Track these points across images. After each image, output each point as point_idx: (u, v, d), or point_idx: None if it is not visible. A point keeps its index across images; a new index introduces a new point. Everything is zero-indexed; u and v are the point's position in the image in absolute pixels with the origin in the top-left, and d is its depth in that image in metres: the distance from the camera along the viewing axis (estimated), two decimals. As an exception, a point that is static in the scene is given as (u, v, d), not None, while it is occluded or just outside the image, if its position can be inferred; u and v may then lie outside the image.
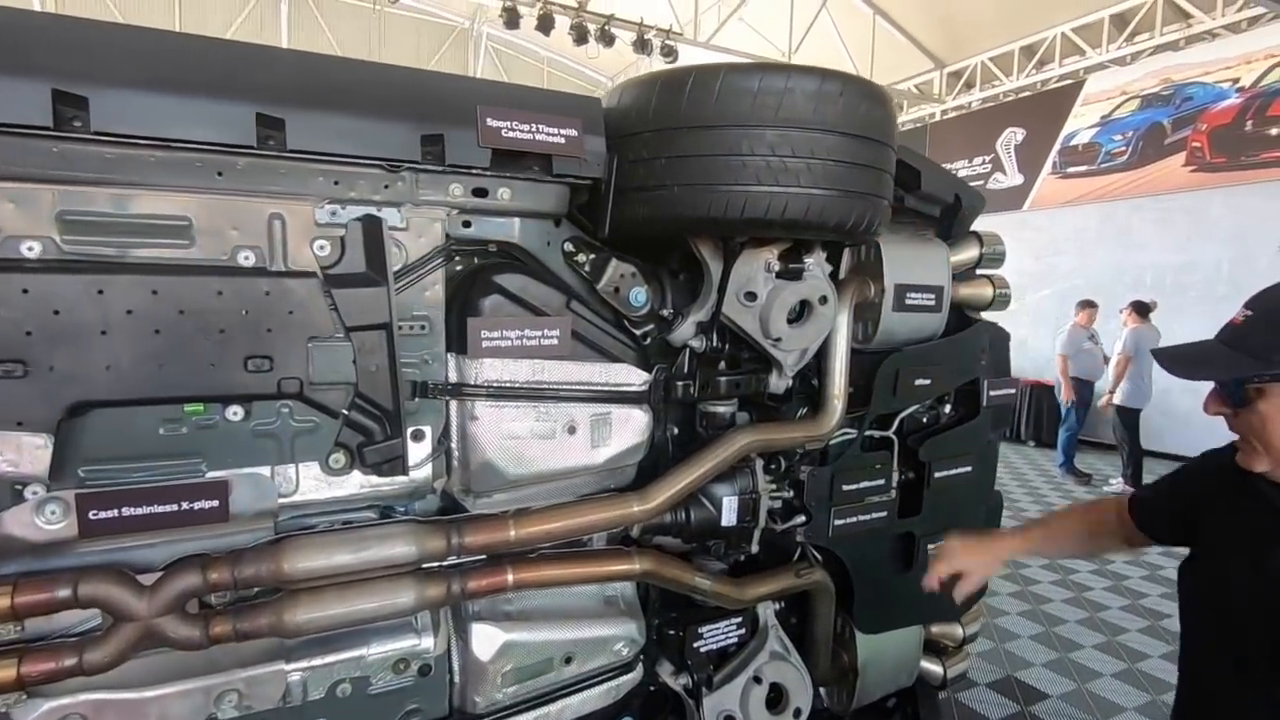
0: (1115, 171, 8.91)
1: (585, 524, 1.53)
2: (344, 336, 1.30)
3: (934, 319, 2.06)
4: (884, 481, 1.99)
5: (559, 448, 1.52)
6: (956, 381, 2.14)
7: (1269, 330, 1.08)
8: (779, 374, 1.83)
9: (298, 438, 1.31)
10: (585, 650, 1.63)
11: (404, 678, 1.45)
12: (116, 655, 1.18)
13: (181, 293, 1.17)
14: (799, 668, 1.94)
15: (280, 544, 1.29)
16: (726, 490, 1.80)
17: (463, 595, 1.44)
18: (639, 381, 1.62)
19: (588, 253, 1.60)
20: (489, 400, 1.44)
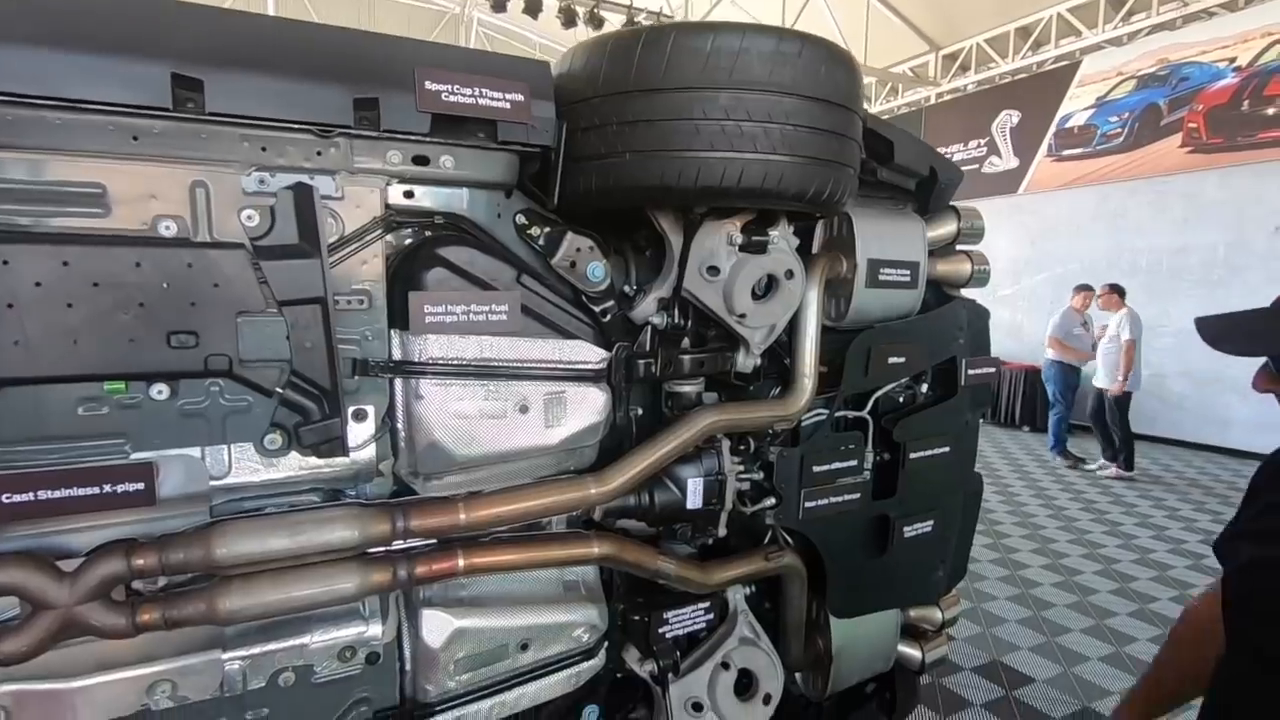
0: (1111, 154, 8.83)
1: (539, 507, 1.48)
2: (276, 311, 1.24)
3: (909, 296, 2.00)
4: (856, 463, 1.93)
5: (511, 428, 1.46)
6: (932, 360, 2.08)
7: None
8: (746, 352, 1.77)
9: (229, 418, 1.26)
10: (543, 636, 1.58)
11: (350, 666, 1.40)
12: (35, 645, 1.13)
13: (95, 264, 1.11)
14: (769, 653, 1.89)
15: (211, 528, 1.24)
16: (691, 472, 1.74)
17: (410, 581, 1.39)
18: (596, 359, 1.56)
19: (541, 226, 1.54)
20: (434, 379, 1.39)
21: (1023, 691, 3.26)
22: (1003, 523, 5.73)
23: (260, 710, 1.35)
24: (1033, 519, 5.79)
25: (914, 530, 2.07)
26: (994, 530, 5.55)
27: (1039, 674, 3.43)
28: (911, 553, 2.10)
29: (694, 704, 1.81)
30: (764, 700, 1.86)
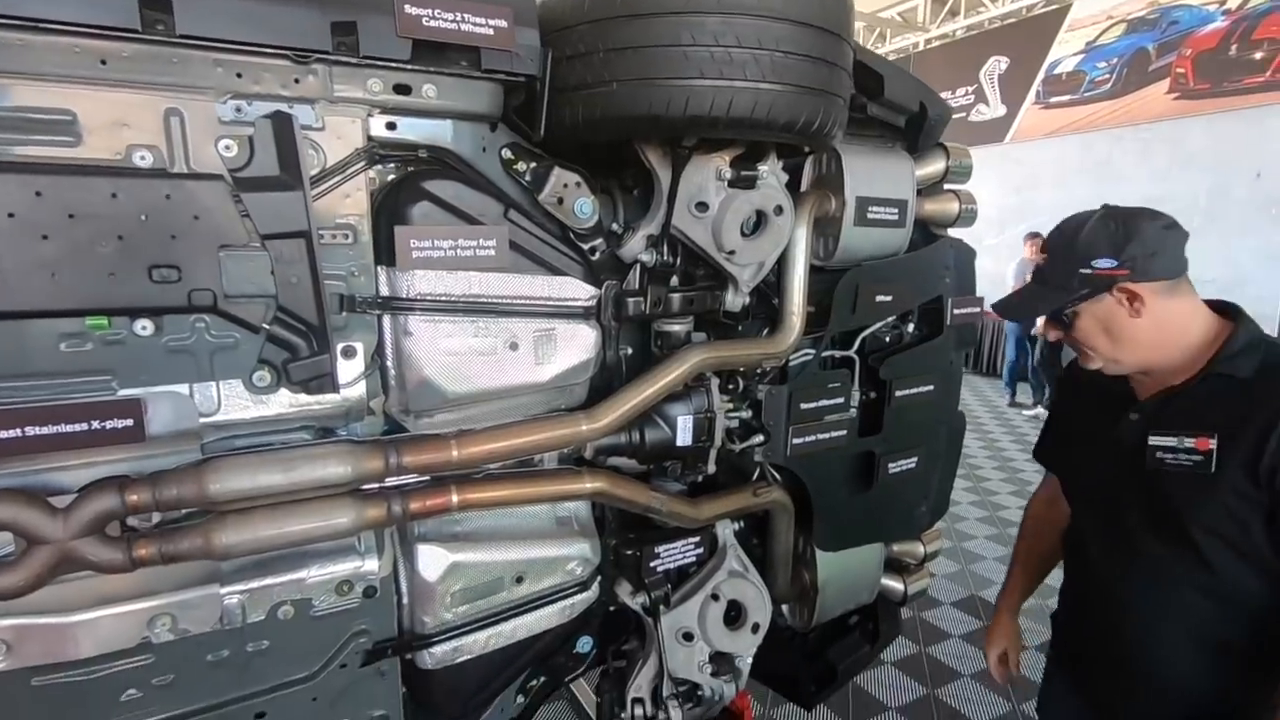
0: (1098, 100, 8.77)
1: (531, 443, 1.49)
2: (259, 245, 1.22)
3: (897, 234, 2.00)
4: (843, 400, 1.96)
5: (501, 365, 1.46)
6: (919, 299, 2.10)
7: (1060, 265, 1.37)
8: (735, 290, 1.77)
9: (217, 354, 1.24)
10: (537, 570, 1.61)
11: (348, 600, 1.43)
12: (32, 579, 1.14)
13: (69, 195, 1.08)
14: (757, 585, 1.94)
15: (204, 465, 1.24)
16: (681, 410, 1.76)
17: (404, 516, 1.40)
18: (585, 296, 1.55)
19: (528, 160, 1.51)
20: (423, 315, 1.38)
21: (999, 623, 3.41)
22: (982, 467, 5.87)
23: (261, 642, 1.37)
24: (1011, 462, 5.93)
25: (898, 467, 2.12)
26: (974, 474, 5.69)
27: (1015, 607, 3.57)
28: (896, 489, 2.15)
29: (685, 634, 1.86)
30: (752, 629, 1.92)
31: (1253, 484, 1.20)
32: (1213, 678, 1.32)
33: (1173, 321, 1.31)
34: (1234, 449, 1.22)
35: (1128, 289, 1.29)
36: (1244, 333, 1.30)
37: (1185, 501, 1.27)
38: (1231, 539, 1.24)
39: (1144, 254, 1.28)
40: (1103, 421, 1.44)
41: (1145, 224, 1.31)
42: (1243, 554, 1.24)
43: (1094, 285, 1.31)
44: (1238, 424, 1.23)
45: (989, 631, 1.91)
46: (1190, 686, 1.33)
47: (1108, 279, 1.29)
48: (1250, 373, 1.26)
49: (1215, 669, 1.31)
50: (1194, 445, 1.26)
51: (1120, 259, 1.28)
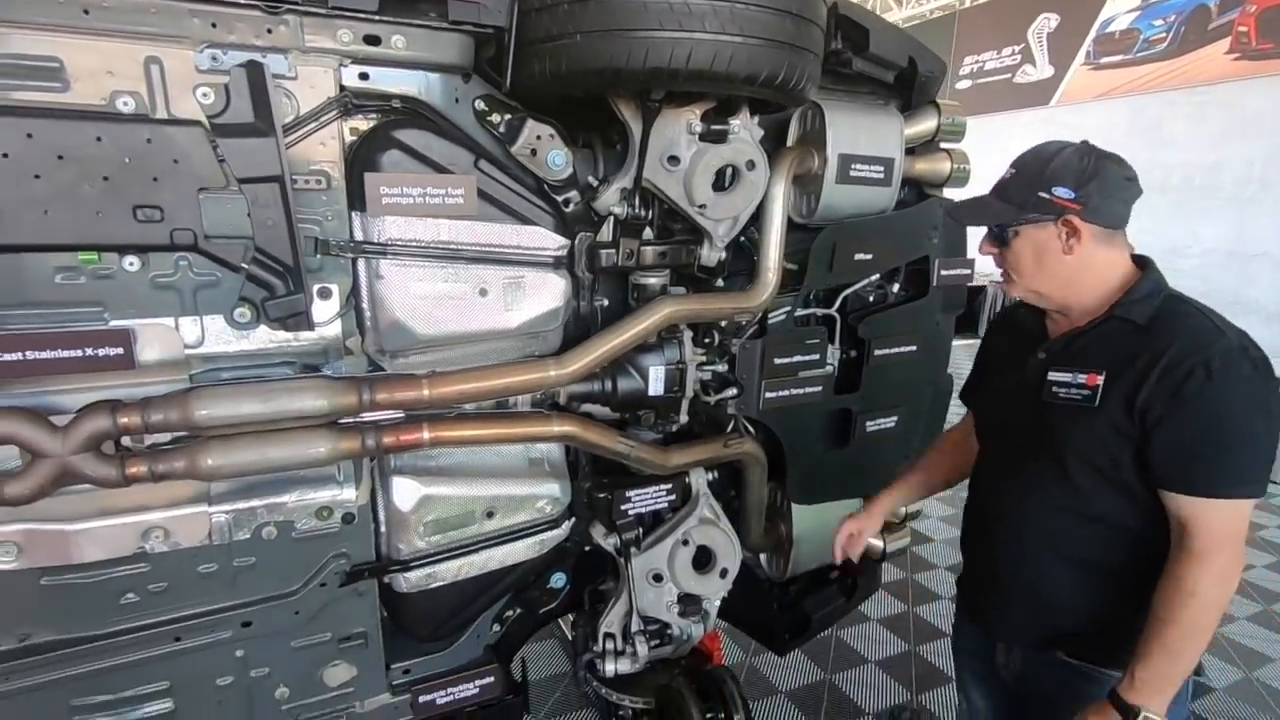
0: (1153, 61, 8.33)
1: (500, 386, 1.57)
2: (236, 189, 1.30)
3: (883, 193, 2.00)
4: (818, 356, 1.99)
5: (470, 309, 1.53)
6: (902, 259, 2.10)
7: (1024, 182, 1.38)
8: (710, 245, 1.80)
9: (200, 291, 1.34)
10: (507, 506, 1.70)
11: (328, 525, 1.54)
12: (36, 488, 1.26)
13: (58, 137, 1.16)
14: (728, 533, 2.02)
15: (189, 392, 1.34)
16: (653, 360, 1.81)
17: (378, 449, 1.49)
18: (554, 246, 1.61)
19: (502, 112, 1.56)
20: (394, 259, 1.45)
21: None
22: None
23: (247, 559, 1.50)
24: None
25: (877, 425, 2.15)
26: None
27: (1010, 573, 3.59)
28: (874, 447, 2.18)
29: (654, 575, 1.95)
30: (720, 574, 2.00)
31: (1128, 418, 1.29)
32: (1078, 593, 1.43)
33: (1097, 267, 1.38)
34: (1118, 386, 1.31)
35: (1072, 223, 1.34)
36: (1147, 283, 1.37)
37: (1067, 431, 1.37)
38: (1102, 466, 1.34)
39: (1101, 195, 1.33)
40: (1015, 360, 1.52)
41: (1112, 168, 1.35)
42: (1109, 479, 1.34)
43: (1045, 210, 1.35)
44: (1125, 364, 1.31)
45: (851, 515, 1.93)
46: (1056, 601, 1.45)
47: (1060, 208, 1.34)
48: (1145, 319, 1.33)
49: (1080, 585, 1.42)
50: (1085, 381, 1.36)
51: (1078, 193, 1.33)
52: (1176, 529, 1.29)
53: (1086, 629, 1.43)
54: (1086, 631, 1.43)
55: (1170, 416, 1.25)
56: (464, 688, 1.80)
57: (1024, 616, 1.50)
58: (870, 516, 1.88)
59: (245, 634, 1.53)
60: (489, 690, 1.83)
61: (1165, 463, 1.27)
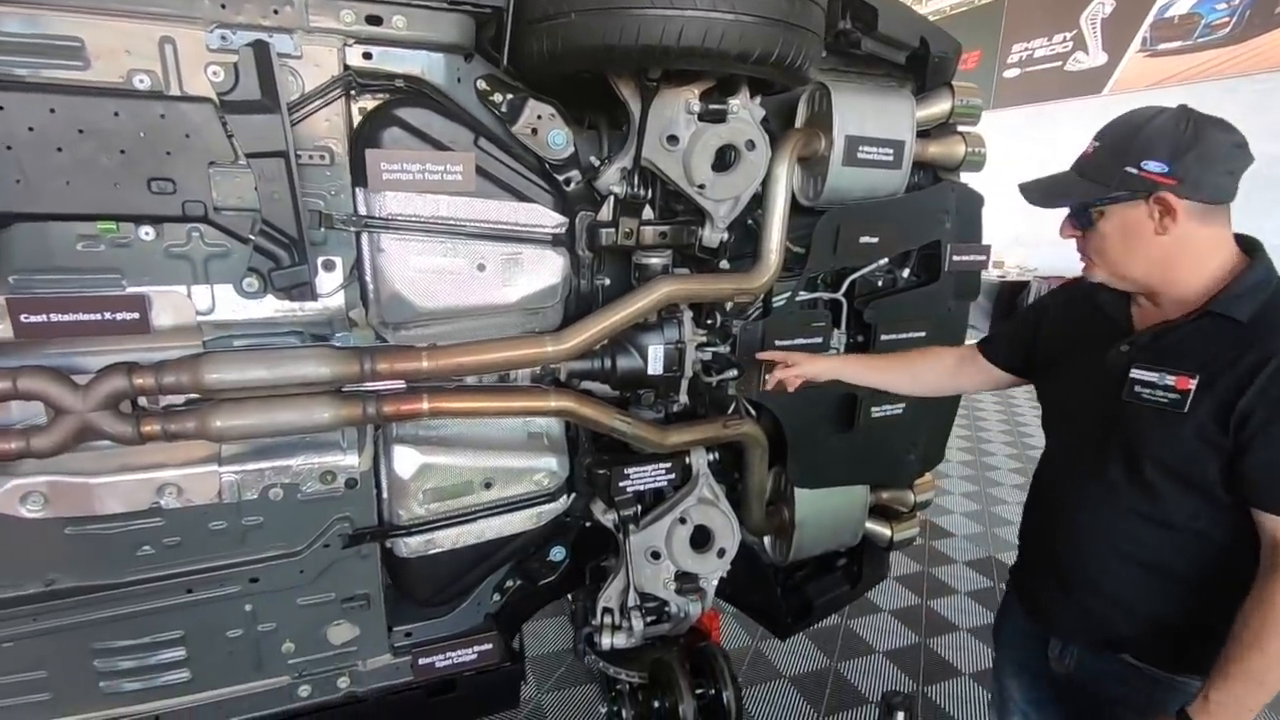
0: (1214, 47, 7.94)
1: (497, 359, 1.61)
2: (244, 163, 1.36)
3: (892, 176, 1.97)
4: (821, 340, 1.98)
5: (469, 284, 1.58)
6: (911, 243, 2.07)
7: (1110, 156, 1.21)
8: (711, 226, 1.81)
9: (210, 260, 1.41)
10: (505, 478, 1.75)
11: (332, 488, 1.61)
12: (60, 442, 1.35)
13: (78, 112, 1.24)
14: (727, 514, 2.03)
15: (200, 357, 1.42)
16: (653, 339, 1.84)
17: (379, 417, 1.55)
18: (552, 224, 1.64)
19: (504, 92, 1.59)
20: (394, 233, 1.50)
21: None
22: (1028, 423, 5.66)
23: (255, 518, 1.58)
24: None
25: (883, 411, 2.14)
26: (1020, 438, 5.50)
27: (1032, 571, 3.51)
28: (880, 433, 2.17)
29: (652, 552, 1.98)
30: (718, 554, 2.01)
31: (1220, 429, 1.16)
32: (1148, 597, 1.31)
33: (1194, 249, 1.21)
34: (1213, 392, 1.17)
35: (1166, 200, 1.16)
36: (1254, 273, 1.20)
37: (1148, 435, 1.24)
38: (1182, 475, 1.22)
39: (1201, 167, 1.15)
40: (1093, 346, 1.37)
41: (1215, 134, 1.16)
42: (1189, 488, 1.23)
43: (1134, 187, 1.18)
44: (1223, 367, 1.17)
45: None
46: (1124, 603, 1.34)
47: (1151, 184, 1.16)
48: (1247, 316, 1.18)
49: (1151, 589, 1.31)
50: (1174, 383, 1.21)
51: (1173, 166, 1.15)
52: (1269, 549, 1.16)
53: (1155, 633, 1.32)
54: (1155, 636, 1.32)
55: (1273, 428, 1.12)
56: (463, 653, 1.86)
57: (1087, 616, 1.39)
58: (813, 359, 1.82)
59: (253, 589, 1.61)
60: (487, 657, 1.89)
61: (1262, 480, 1.14)
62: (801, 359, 1.80)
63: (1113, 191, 1.20)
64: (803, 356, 1.81)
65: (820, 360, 1.82)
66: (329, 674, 1.75)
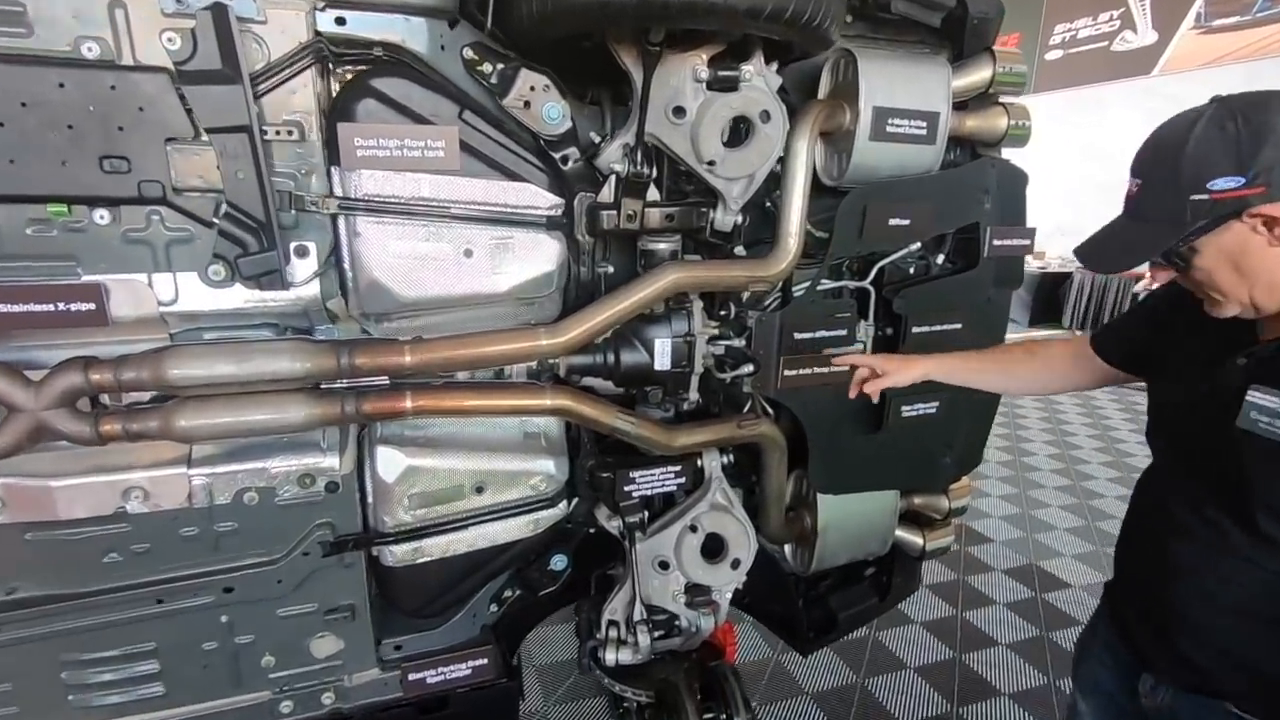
0: (1274, 22, 7.47)
1: (486, 354, 1.48)
2: (205, 140, 1.25)
3: (926, 152, 1.79)
4: (845, 332, 1.81)
5: (455, 271, 1.45)
6: (946, 225, 1.88)
7: (1162, 191, 1.03)
8: (724, 207, 1.66)
9: (173, 246, 1.30)
10: (498, 482, 1.62)
11: (311, 493, 1.49)
12: (12, 443, 1.26)
13: (19, 83, 1.14)
14: (742, 521, 1.87)
15: (164, 351, 1.31)
16: (660, 332, 1.69)
17: (358, 416, 1.43)
18: (545, 205, 1.50)
19: (493, 61, 1.45)
20: (371, 216, 1.38)
21: (1054, 595, 3.14)
22: (1076, 433, 5.38)
23: (229, 524, 1.47)
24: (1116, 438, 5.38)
25: (914, 411, 1.95)
26: (1064, 442, 5.22)
27: (1077, 580, 3.27)
28: (911, 434, 1.99)
29: (660, 562, 1.83)
30: (732, 565, 1.86)
31: None
32: (1260, 647, 1.13)
33: None
34: None
35: (1264, 213, 0.96)
36: None
37: (1264, 473, 1.04)
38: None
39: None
40: (1205, 354, 1.15)
41: (1275, 118, 0.96)
42: None
43: (1215, 213, 0.98)
44: None
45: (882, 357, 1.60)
46: (1232, 650, 1.15)
47: (1234, 203, 0.97)
48: None
49: (1263, 639, 1.12)
50: None
51: (1249, 175, 0.95)
52: None
53: (1269, 685, 1.15)
54: (1269, 688, 1.15)
55: None
56: (456, 668, 1.74)
57: (1187, 664, 1.21)
58: (907, 362, 1.54)
59: (228, 599, 1.50)
60: (482, 672, 1.76)
61: None
62: (892, 366, 1.56)
63: (1190, 227, 1.00)
64: (893, 363, 1.56)
65: (912, 365, 1.56)
66: (312, 689, 1.64)
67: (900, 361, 1.56)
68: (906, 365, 1.56)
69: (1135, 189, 1.07)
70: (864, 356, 1.58)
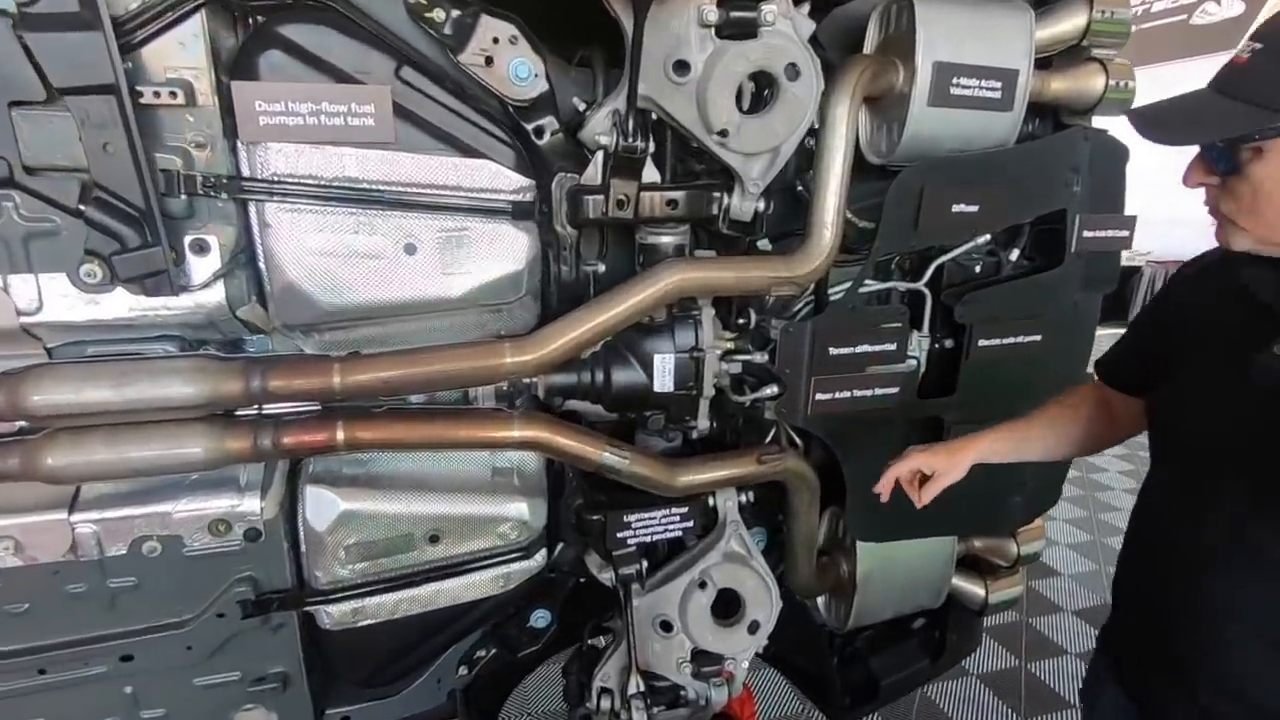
0: (1383, -12, 6.67)
1: (436, 375, 1.18)
2: (60, 104, 0.97)
3: (999, 121, 1.42)
4: (895, 347, 1.46)
5: (393, 272, 1.15)
6: (1024, 214, 1.51)
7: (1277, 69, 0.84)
8: (742, 191, 1.32)
9: (31, 241, 1.03)
10: (457, 529, 1.33)
11: (227, 541, 1.22)
12: None
13: None
14: (762, 575, 1.54)
15: (25, 372, 1.05)
16: (660, 346, 1.37)
17: (276, 451, 1.15)
18: (511, 188, 1.19)
19: (446, 6, 1.15)
20: (284, 202, 1.09)
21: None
22: (1152, 448, 4.85)
23: (125, 579, 1.21)
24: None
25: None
26: (1139, 456, 4.70)
27: (1162, 626, 2.84)
28: (973, 472, 1.62)
29: (663, 622, 1.52)
30: (750, 629, 1.53)
31: None
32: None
33: None
34: None
35: None
36: None
37: None
38: None
39: None
40: (1234, 343, 0.97)
41: None
42: None
43: None
44: None
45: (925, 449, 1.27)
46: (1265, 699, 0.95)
47: None
48: None
49: None
50: None
51: None
52: None
53: None
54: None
55: None
56: (413, 745, 1.46)
57: (1209, 711, 0.99)
58: (953, 453, 1.23)
59: (128, 669, 1.24)
60: (445, 749, 1.48)
61: None
62: (940, 461, 1.22)
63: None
64: (939, 457, 1.23)
65: (963, 451, 1.23)
66: (240, 770, 1.38)
67: (947, 453, 1.23)
68: (956, 454, 1.23)
69: (1247, 56, 0.87)
70: (904, 463, 1.25)
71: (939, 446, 1.25)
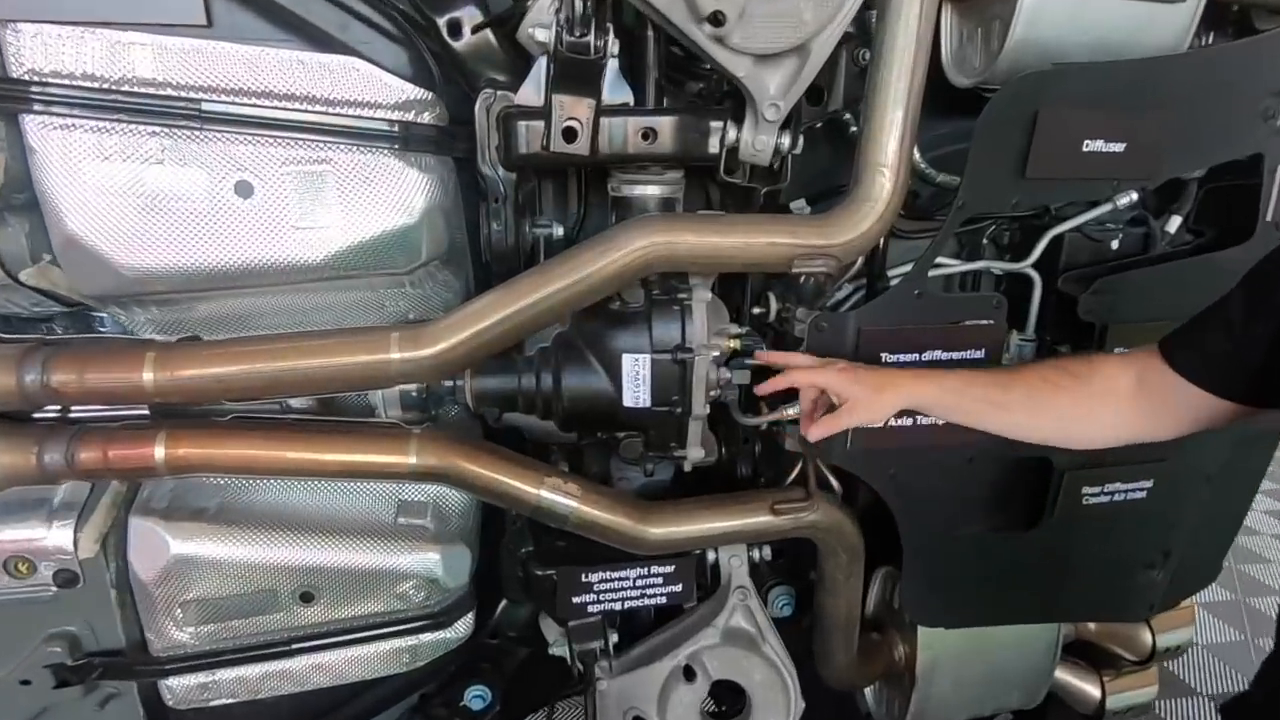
0: None
1: (290, 372, 0.82)
2: None
3: (1163, 16, 0.94)
4: (982, 353, 0.99)
5: (218, 222, 0.79)
6: (1195, 160, 1.02)
7: None
8: (755, 117, 0.90)
9: None
10: (336, 586, 0.96)
11: (31, 586, 0.91)
12: None
13: None
14: (778, 664, 1.11)
15: None
16: (631, 341, 0.96)
17: (71, 470, 0.83)
18: (392, 101, 0.81)
19: None
20: (53, 119, 0.74)
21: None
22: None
23: (-108, 630, 0.91)
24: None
25: (1104, 496, 1.10)
26: (1290, 493, 3.91)
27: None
28: (1095, 533, 1.14)
29: (635, 717, 1.11)
30: (757, 737, 1.10)
31: None
32: None
33: None
34: None
35: None
36: None
37: None
38: None
39: None
40: None
41: None
42: None
43: None
44: None
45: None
46: None
47: None
48: None
49: None
50: None
51: None
52: None
53: None
54: None
55: None
56: None
57: None
58: (880, 387, 0.84)
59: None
60: None
61: None
62: (860, 390, 0.84)
63: None
64: (860, 385, 0.84)
65: (893, 390, 0.84)
66: None
67: (873, 384, 0.85)
68: (883, 390, 0.84)
69: None
70: (813, 373, 0.86)
71: (866, 371, 0.87)
